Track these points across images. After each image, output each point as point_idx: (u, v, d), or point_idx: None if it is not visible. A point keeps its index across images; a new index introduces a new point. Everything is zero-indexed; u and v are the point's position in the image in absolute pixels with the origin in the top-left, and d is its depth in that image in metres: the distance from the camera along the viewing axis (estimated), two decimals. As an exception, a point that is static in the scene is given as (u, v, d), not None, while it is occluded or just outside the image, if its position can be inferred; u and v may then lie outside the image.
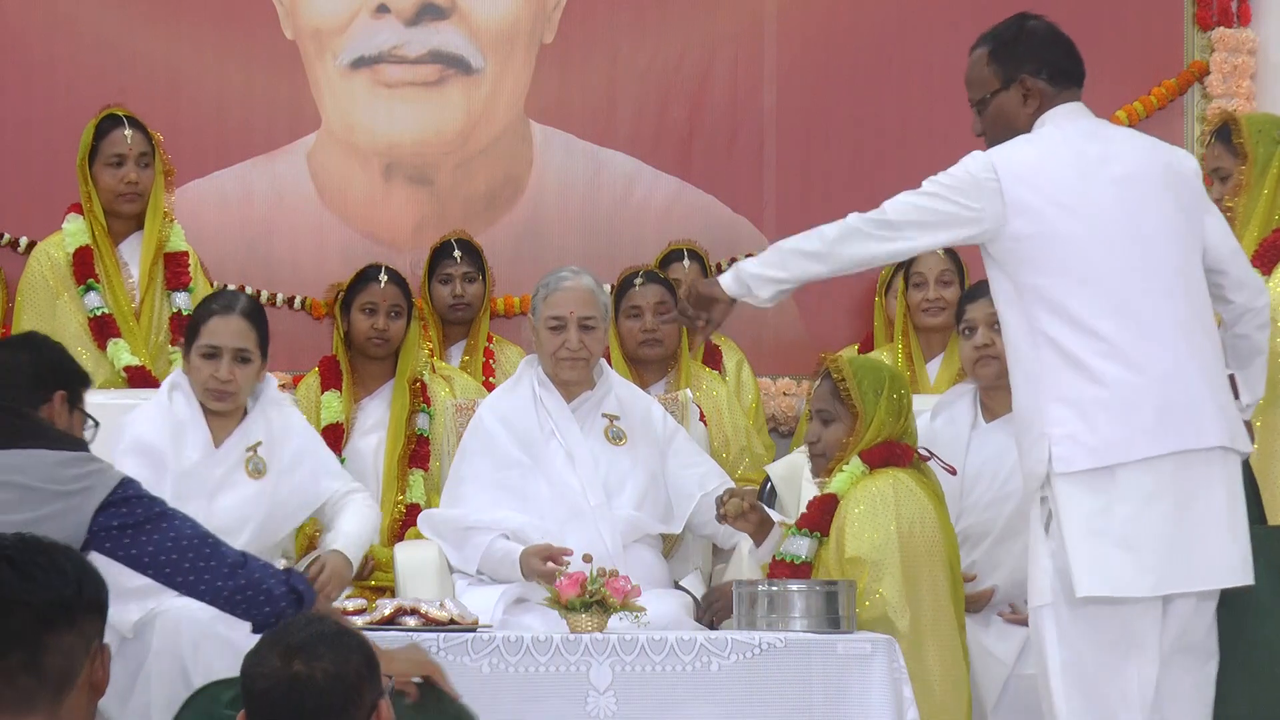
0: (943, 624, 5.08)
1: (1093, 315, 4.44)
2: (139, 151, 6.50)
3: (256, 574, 4.00)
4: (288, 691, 3.14)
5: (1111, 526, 4.36)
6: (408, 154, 7.91)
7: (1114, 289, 4.45)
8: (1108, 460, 4.38)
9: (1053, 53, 4.71)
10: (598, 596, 4.79)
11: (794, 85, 7.98)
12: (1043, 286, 4.47)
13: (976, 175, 4.54)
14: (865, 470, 5.19)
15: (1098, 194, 4.50)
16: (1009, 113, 4.69)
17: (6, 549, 2.82)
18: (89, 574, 2.86)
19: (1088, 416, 4.40)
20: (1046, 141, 4.61)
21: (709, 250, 7.68)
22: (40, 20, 7.71)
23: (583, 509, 5.59)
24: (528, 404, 5.74)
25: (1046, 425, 4.43)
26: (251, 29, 7.84)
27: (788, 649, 4.72)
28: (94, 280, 6.44)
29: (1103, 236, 4.47)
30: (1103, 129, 4.69)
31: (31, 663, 2.77)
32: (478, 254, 7.16)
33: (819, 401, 5.33)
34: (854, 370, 5.29)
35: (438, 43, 7.89)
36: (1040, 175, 4.53)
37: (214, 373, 5.36)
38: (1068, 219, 4.48)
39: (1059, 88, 4.67)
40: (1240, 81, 7.96)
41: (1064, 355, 4.44)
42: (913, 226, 4.61)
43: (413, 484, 6.44)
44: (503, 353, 7.09)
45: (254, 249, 7.79)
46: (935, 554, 5.12)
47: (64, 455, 3.93)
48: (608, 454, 5.69)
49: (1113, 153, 4.57)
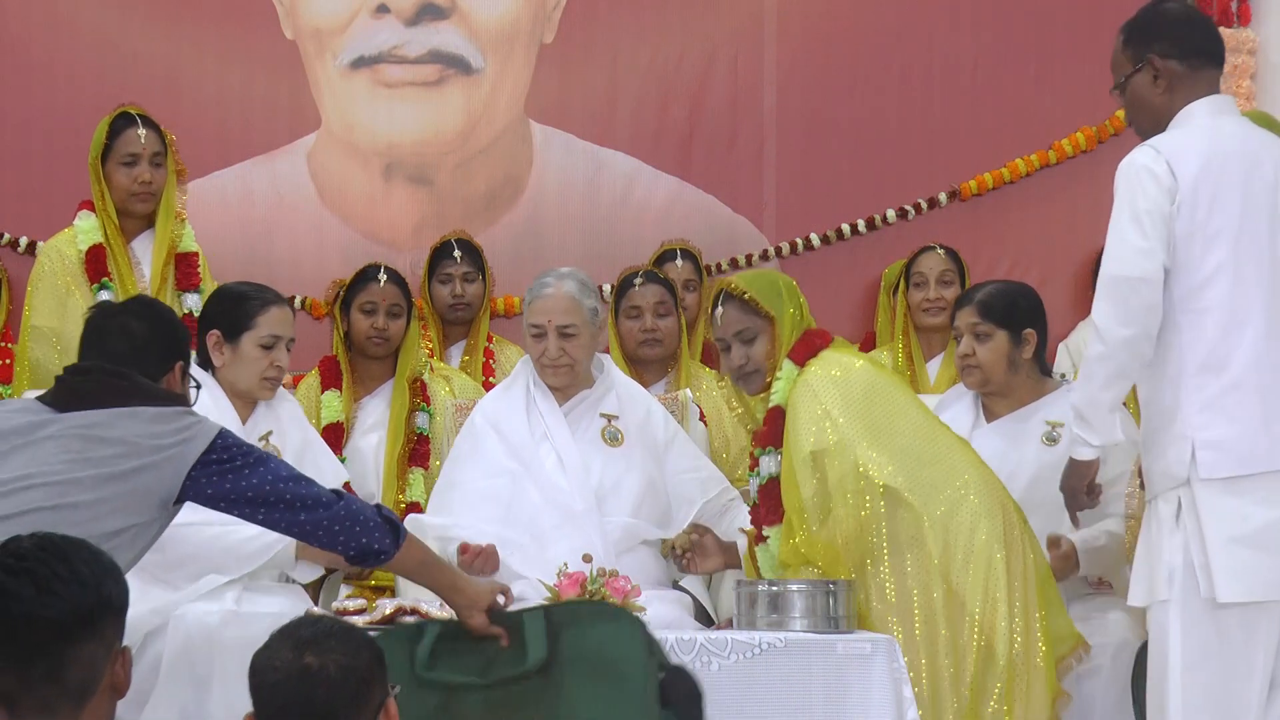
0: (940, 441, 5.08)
1: (1246, 317, 4.44)
2: (153, 151, 6.49)
3: (355, 505, 4.15)
4: (298, 684, 3.15)
5: (1252, 531, 4.38)
6: (408, 154, 7.90)
7: (1267, 291, 4.45)
8: (1254, 468, 4.39)
9: (1183, 32, 4.65)
10: (597, 596, 4.78)
11: (794, 85, 7.98)
12: (1195, 283, 4.46)
13: (1152, 168, 4.49)
14: (797, 369, 5.21)
15: (1253, 195, 4.50)
16: (1143, 95, 4.66)
17: (26, 561, 2.80)
18: (110, 575, 2.85)
19: (1233, 422, 4.40)
20: (1200, 135, 4.56)
21: (710, 250, 7.69)
22: (40, 20, 7.71)
23: (573, 513, 5.58)
24: (521, 406, 5.73)
25: (1188, 428, 4.43)
26: (251, 29, 7.84)
27: (788, 649, 4.72)
28: (108, 279, 6.43)
29: (1256, 237, 4.47)
30: (1249, 129, 4.67)
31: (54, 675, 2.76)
32: (477, 254, 7.17)
33: (734, 325, 5.34)
34: (747, 282, 5.34)
35: (438, 43, 7.89)
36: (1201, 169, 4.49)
37: (275, 360, 5.47)
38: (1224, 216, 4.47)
39: (1191, 67, 4.62)
40: (1240, 81, 7.96)
41: (1204, 358, 4.44)
42: (1132, 250, 4.50)
43: (413, 483, 6.44)
44: (503, 352, 7.09)
45: (254, 249, 7.78)
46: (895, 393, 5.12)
47: (163, 410, 4.05)
48: (602, 456, 5.68)
49: (1262, 154, 4.56)
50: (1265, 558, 4.39)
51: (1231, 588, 4.38)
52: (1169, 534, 4.47)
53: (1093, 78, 7.84)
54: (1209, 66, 4.65)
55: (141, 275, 6.49)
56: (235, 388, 5.45)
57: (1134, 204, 4.47)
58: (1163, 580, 4.47)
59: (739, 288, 5.33)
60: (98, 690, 2.80)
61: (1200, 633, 4.42)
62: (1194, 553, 4.41)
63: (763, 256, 7.88)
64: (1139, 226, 4.45)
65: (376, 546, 4.15)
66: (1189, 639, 4.43)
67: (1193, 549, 4.41)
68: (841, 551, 5.02)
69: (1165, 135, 4.57)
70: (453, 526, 5.59)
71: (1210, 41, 4.69)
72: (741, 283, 5.35)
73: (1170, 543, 4.46)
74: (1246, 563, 4.38)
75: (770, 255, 7.90)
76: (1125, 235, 4.47)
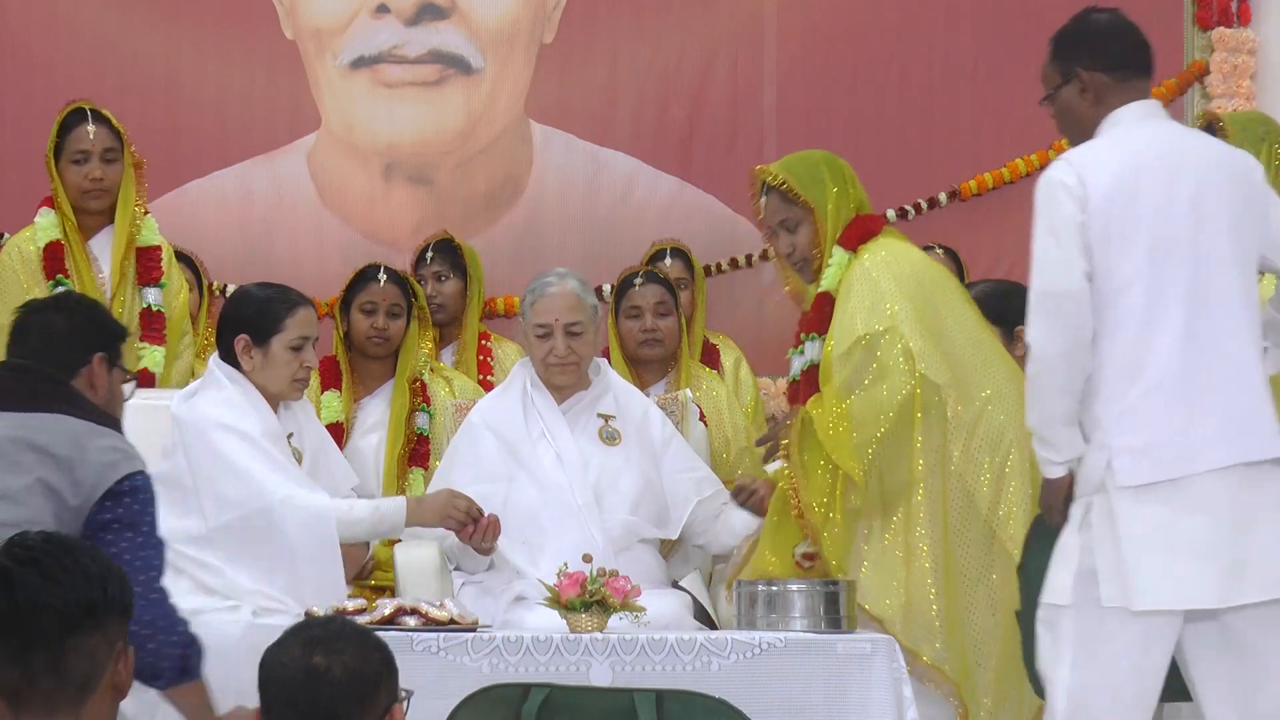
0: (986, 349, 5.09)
1: (1161, 322, 4.42)
2: (104, 147, 6.41)
3: (169, 623, 4.03)
4: (306, 682, 3.16)
5: (1171, 538, 4.34)
6: (408, 154, 7.91)
7: (1183, 295, 4.43)
8: (1171, 474, 4.36)
9: (1109, 44, 4.65)
10: (598, 596, 4.79)
11: (794, 85, 7.98)
12: (1111, 290, 4.47)
13: (1063, 181, 4.49)
14: (848, 255, 5.21)
15: (1170, 199, 4.49)
16: (1072, 107, 4.65)
17: (32, 551, 2.82)
18: (114, 575, 2.86)
19: (1150, 428, 4.38)
20: (1119, 144, 4.57)
21: (710, 250, 7.69)
22: (40, 20, 7.71)
23: (572, 509, 5.58)
24: (518, 407, 5.74)
25: (1108, 435, 4.42)
26: (251, 29, 7.84)
27: (788, 649, 4.72)
28: (63, 275, 6.36)
29: (1173, 241, 4.46)
30: (1174, 132, 4.67)
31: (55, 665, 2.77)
32: (455, 253, 7.11)
33: (776, 214, 5.35)
34: (786, 168, 5.33)
35: (438, 43, 7.89)
36: (1114, 178, 4.49)
37: (305, 361, 5.45)
38: (1139, 223, 4.47)
39: (1118, 79, 4.63)
40: (1240, 81, 7.96)
41: (1122, 365, 4.43)
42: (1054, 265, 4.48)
43: (413, 482, 6.44)
44: (500, 348, 7.08)
45: (254, 249, 7.79)
46: (948, 289, 5.14)
47: (91, 426, 3.99)
48: (600, 454, 5.68)
49: (1185, 157, 4.54)
50: (1187, 565, 4.34)
51: (1151, 595, 4.34)
52: (1072, 539, 4.46)
53: (1093, 78, 7.87)
54: (1136, 76, 4.65)
55: (100, 270, 6.43)
56: (266, 391, 5.44)
57: (1049, 219, 4.49)
58: (1058, 584, 4.46)
59: (777, 177, 5.33)
60: (99, 687, 2.81)
61: (1094, 636, 4.40)
62: (1104, 559, 4.39)
63: (762, 256, 7.88)
64: (1056, 240, 4.46)
65: (156, 669, 4.04)
66: (1082, 643, 4.42)
67: (1100, 555, 4.39)
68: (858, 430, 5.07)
69: (1081, 146, 4.58)
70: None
71: (1136, 51, 4.68)
72: (780, 171, 5.35)
73: (1072, 547, 4.45)
74: (1167, 570, 4.34)
75: (770, 255, 7.90)
76: (1045, 251, 4.48)
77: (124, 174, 6.44)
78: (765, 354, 7.67)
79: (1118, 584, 4.35)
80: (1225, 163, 4.60)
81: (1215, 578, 4.35)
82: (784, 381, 7.77)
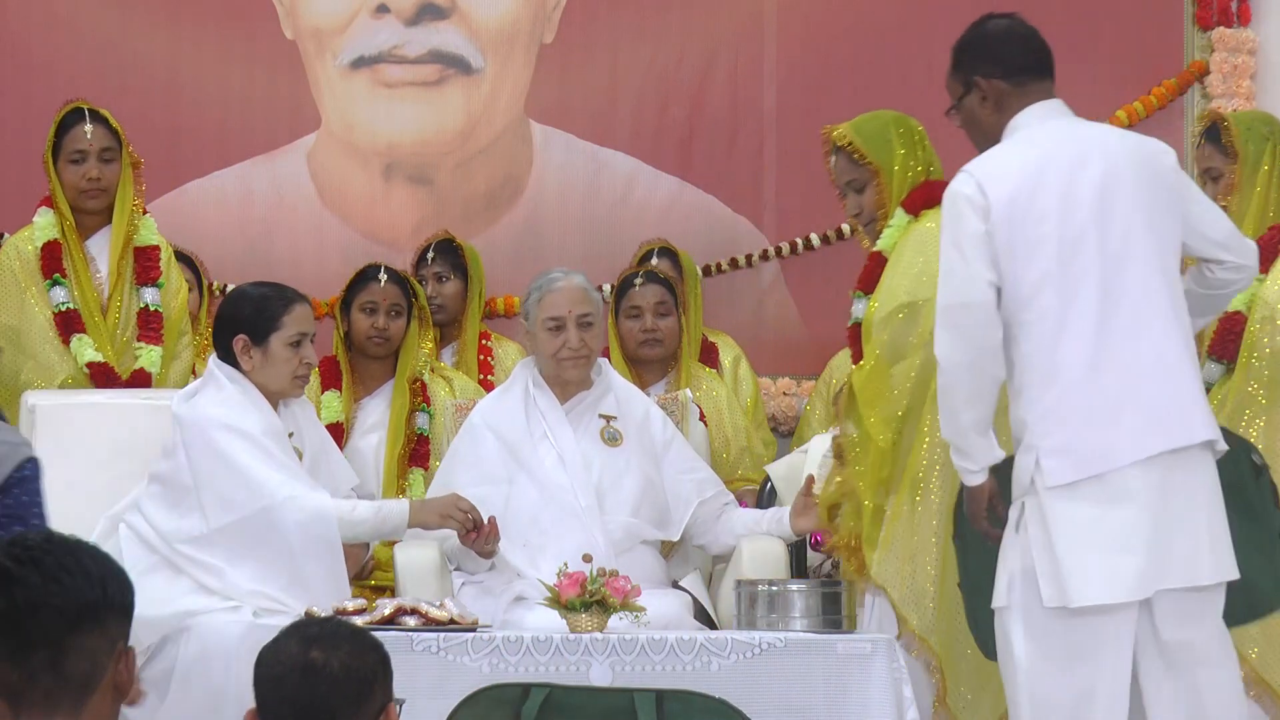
0: None
1: (1073, 321, 4.43)
2: (101, 147, 6.40)
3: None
4: (301, 678, 3.16)
5: (1102, 533, 4.37)
6: (408, 154, 7.90)
7: (1094, 292, 4.44)
8: (1097, 469, 4.38)
9: (1004, 51, 4.68)
10: (598, 596, 4.79)
11: (794, 85, 7.98)
12: (1023, 295, 4.47)
13: (963, 193, 4.51)
14: (909, 218, 5.22)
15: (1075, 197, 4.49)
16: (975, 115, 4.70)
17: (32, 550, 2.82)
18: (114, 575, 2.86)
19: (1071, 426, 4.40)
20: (1020, 147, 4.58)
21: (710, 250, 7.69)
22: (40, 20, 7.71)
23: (574, 510, 5.58)
24: (519, 408, 5.74)
25: (1033, 437, 4.43)
26: (251, 29, 7.84)
27: (788, 649, 4.73)
28: (60, 275, 6.36)
29: (1081, 239, 4.46)
30: (1078, 128, 4.67)
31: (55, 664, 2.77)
32: (456, 254, 7.11)
33: (843, 175, 5.40)
34: (855, 129, 5.32)
35: (438, 43, 7.89)
36: (1015, 184, 4.50)
37: (304, 358, 5.44)
38: (1044, 225, 4.47)
39: (1016, 84, 4.65)
40: (1240, 81, 7.96)
41: (1044, 364, 4.44)
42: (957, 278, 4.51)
43: (413, 483, 6.44)
44: (501, 348, 7.08)
45: (254, 249, 7.78)
46: None
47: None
48: (602, 455, 5.69)
49: (1088, 152, 4.55)
50: (1117, 559, 4.37)
51: (1085, 591, 4.36)
52: (1010, 542, 4.48)
53: (1092, 77, 7.86)
54: (1035, 79, 4.66)
55: (97, 271, 6.42)
56: (266, 389, 5.44)
57: (952, 232, 4.51)
58: (1003, 586, 4.48)
59: (844, 137, 5.34)
60: (99, 687, 2.81)
61: (1042, 637, 4.42)
62: (1038, 559, 4.40)
63: (763, 256, 7.88)
64: (959, 253, 4.49)
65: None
66: (1032, 644, 4.43)
67: (1035, 556, 4.41)
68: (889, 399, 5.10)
69: (982, 156, 4.61)
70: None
71: (1032, 55, 4.69)
72: (848, 131, 5.37)
73: (1011, 550, 4.47)
74: (1099, 566, 4.36)
75: (770, 255, 7.90)
76: (948, 264, 4.51)
77: (122, 173, 6.43)
78: (765, 354, 7.67)
79: (1055, 584, 4.37)
80: (1134, 153, 4.60)
81: (1143, 569, 4.38)
82: (784, 380, 7.79)
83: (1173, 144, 4.85)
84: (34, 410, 5.71)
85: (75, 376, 6.25)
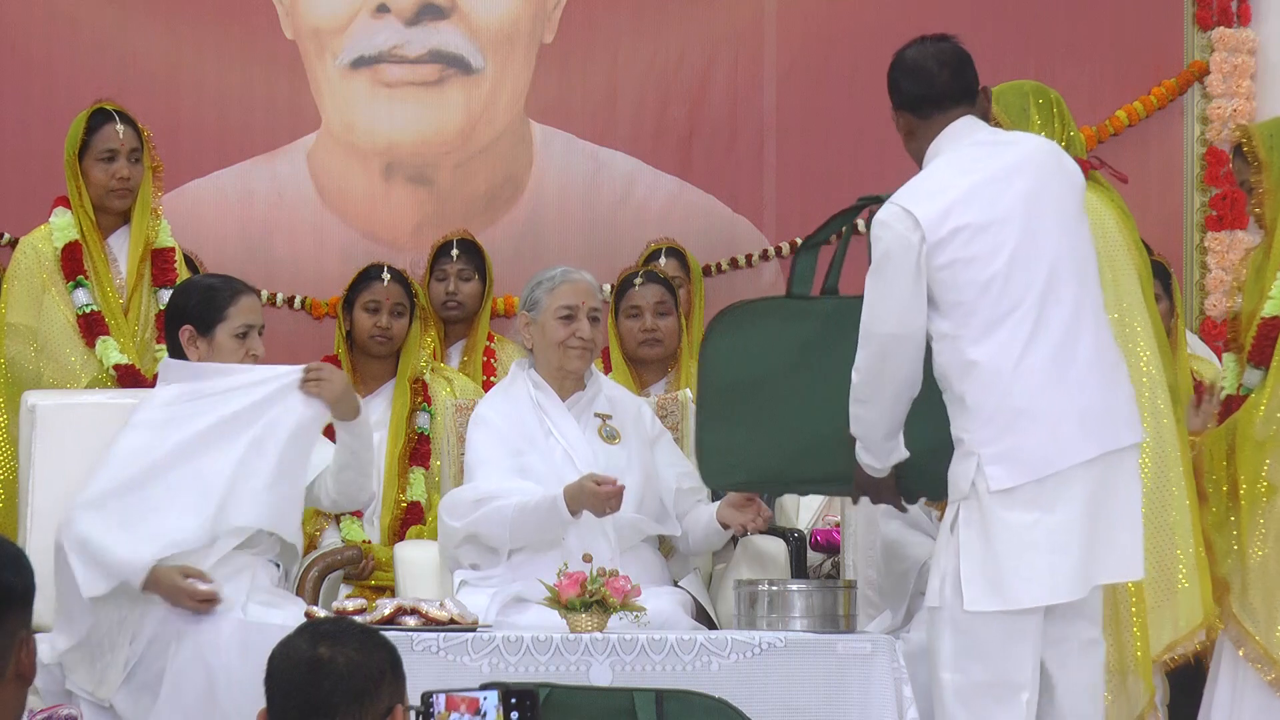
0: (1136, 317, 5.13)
1: (1011, 330, 4.49)
2: (130, 147, 6.43)
3: None
4: (308, 672, 3.16)
5: (1041, 537, 4.47)
6: (408, 154, 7.91)
7: (1032, 301, 4.51)
8: (1040, 473, 4.46)
9: (907, 85, 4.76)
10: (598, 596, 4.79)
11: (794, 85, 7.98)
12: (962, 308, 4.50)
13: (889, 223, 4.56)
14: None
15: (1003, 210, 4.54)
16: (907, 146, 4.79)
17: None
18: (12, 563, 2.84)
19: (1015, 432, 4.48)
20: (941, 170, 4.63)
21: (710, 250, 7.69)
22: (40, 20, 7.71)
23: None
24: (523, 406, 5.73)
25: (975, 444, 4.49)
26: (251, 29, 7.84)
27: (788, 649, 4.73)
28: (83, 276, 6.38)
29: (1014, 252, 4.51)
30: (998, 141, 4.72)
31: None
32: (478, 254, 7.14)
33: None
34: (997, 98, 5.22)
35: (438, 43, 7.89)
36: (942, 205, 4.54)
37: (251, 349, 5.46)
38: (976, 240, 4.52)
39: (921, 116, 4.71)
40: (1240, 81, 7.96)
41: (984, 373, 4.49)
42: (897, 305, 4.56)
43: (413, 482, 6.44)
44: (504, 350, 7.08)
45: (254, 249, 7.79)
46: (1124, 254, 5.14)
47: None
48: (604, 452, 5.69)
49: (1010, 166, 4.62)
50: (1056, 559, 4.46)
51: (1030, 592, 4.46)
52: (944, 543, 4.56)
53: (1092, 78, 7.87)
54: (941, 109, 4.71)
55: (118, 272, 6.43)
56: None
57: (878, 261, 4.57)
58: (936, 587, 4.55)
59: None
60: (4, 677, 2.79)
61: (968, 638, 4.50)
62: (969, 563, 4.47)
63: (763, 256, 7.89)
64: (885, 282, 4.55)
65: None
66: (959, 644, 4.51)
67: (965, 559, 4.48)
68: None
69: (907, 185, 4.64)
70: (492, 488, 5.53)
71: (934, 87, 4.73)
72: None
73: (945, 551, 4.54)
74: (1041, 567, 4.45)
75: (770, 255, 7.90)
76: (873, 292, 4.57)
77: (144, 175, 6.48)
78: (765, 354, 7.66)
79: (986, 586, 4.46)
80: (1043, 160, 4.66)
81: (1079, 569, 4.49)
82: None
83: (1173, 144, 4.86)
84: (34, 410, 5.70)
85: (99, 379, 6.26)
